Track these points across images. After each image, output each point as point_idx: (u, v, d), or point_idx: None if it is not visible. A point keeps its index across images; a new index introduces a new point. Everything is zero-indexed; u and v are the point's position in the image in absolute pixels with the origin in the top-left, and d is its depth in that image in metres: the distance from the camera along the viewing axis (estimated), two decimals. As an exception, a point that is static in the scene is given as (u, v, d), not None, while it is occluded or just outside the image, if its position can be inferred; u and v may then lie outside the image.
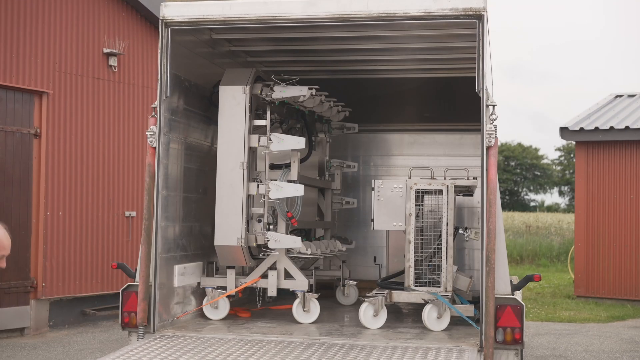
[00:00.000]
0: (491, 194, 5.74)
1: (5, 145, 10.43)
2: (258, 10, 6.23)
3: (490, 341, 5.69)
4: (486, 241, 5.71)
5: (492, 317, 5.69)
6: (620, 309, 14.13)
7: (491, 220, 5.73)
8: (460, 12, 5.91)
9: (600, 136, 14.77)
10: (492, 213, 5.74)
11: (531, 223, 31.13)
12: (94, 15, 11.70)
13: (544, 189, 74.72)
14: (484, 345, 5.68)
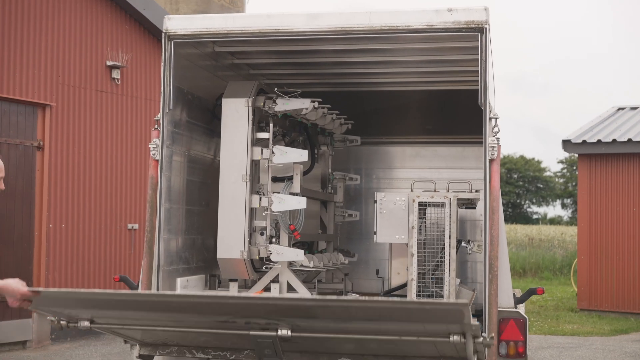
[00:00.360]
0: (494, 202, 5.74)
1: (8, 158, 10.44)
2: (261, 24, 6.25)
3: (494, 358, 5.68)
4: (489, 249, 5.70)
5: (495, 329, 5.68)
6: (623, 322, 14.08)
7: (494, 228, 5.72)
8: (463, 25, 5.92)
9: (603, 149, 14.77)
10: (495, 221, 5.74)
11: (534, 236, 31.08)
12: (97, 28, 11.73)
13: (546, 201, 74.70)
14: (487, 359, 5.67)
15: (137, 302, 4.73)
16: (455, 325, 4.39)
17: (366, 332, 4.78)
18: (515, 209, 71.78)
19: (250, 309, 4.58)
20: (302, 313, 4.56)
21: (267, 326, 4.72)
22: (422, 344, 4.94)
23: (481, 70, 5.86)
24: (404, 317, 4.42)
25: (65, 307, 4.89)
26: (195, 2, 18.42)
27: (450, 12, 5.94)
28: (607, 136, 14.89)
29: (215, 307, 4.65)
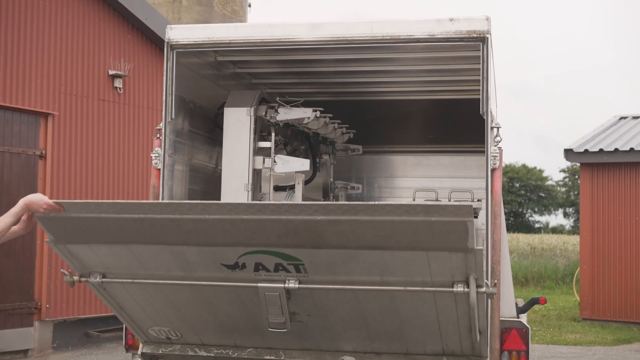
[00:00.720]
0: (495, 207, 5.74)
1: (10, 167, 10.45)
2: (263, 33, 6.26)
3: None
4: (491, 253, 5.68)
5: (497, 339, 5.67)
6: (626, 331, 14.05)
7: (496, 233, 5.72)
8: (465, 35, 5.92)
9: (605, 158, 14.76)
10: (497, 225, 5.74)
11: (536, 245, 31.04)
12: (100, 37, 11.75)
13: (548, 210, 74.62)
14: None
15: (154, 210, 4.65)
16: (459, 241, 4.37)
17: (371, 282, 4.78)
18: (517, 218, 71.71)
19: (260, 227, 4.54)
20: (312, 234, 4.52)
21: (275, 277, 4.79)
22: (425, 322, 5.02)
23: (483, 79, 5.86)
24: (410, 232, 4.40)
25: (83, 229, 4.83)
26: (197, 12, 18.46)
27: (452, 21, 5.95)
28: (609, 145, 14.89)
29: (226, 226, 4.59)
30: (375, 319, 5.16)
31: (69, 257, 5.09)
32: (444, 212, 4.24)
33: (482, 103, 5.84)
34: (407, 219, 4.32)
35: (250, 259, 4.81)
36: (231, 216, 4.54)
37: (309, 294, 4.97)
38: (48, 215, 4.73)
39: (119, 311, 5.53)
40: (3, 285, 10.32)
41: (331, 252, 4.65)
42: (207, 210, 4.52)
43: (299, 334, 5.44)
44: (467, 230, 4.31)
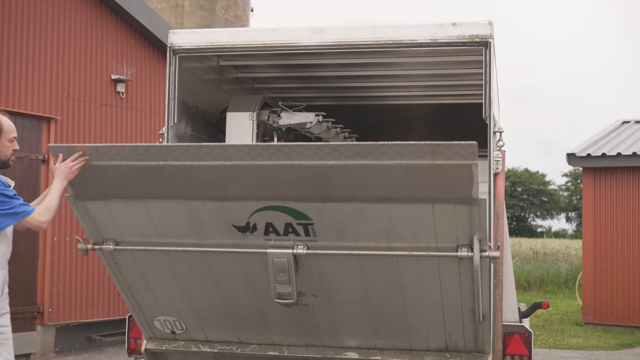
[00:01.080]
0: (498, 207, 5.75)
1: (13, 171, 10.46)
2: (265, 38, 6.27)
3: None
4: None
5: (499, 342, 5.68)
6: (629, 336, 14.03)
7: (499, 233, 5.72)
8: (467, 39, 5.92)
9: (608, 162, 14.76)
10: (500, 226, 5.74)
11: (538, 249, 31.00)
12: (102, 41, 11.77)
13: (551, 214, 74.58)
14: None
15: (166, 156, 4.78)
16: (463, 188, 4.50)
17: (377, 248, 4.88)
18: (520, 223, 71.67)
19: (274, 175, 4.67)
20: (322, 182, 4.66)
21: (284, 242, 4.93)
22: (429, 303, 5.10)
23: (485, 83, 5.86)
24: (416, 178, 4.54)
25: (103, 181, 4.98)
26: (199, 17, 18.49)
27: (454, 26, 5.95)
28: (611, 150, 14.89)
29: (240, 172, 4.72)
30: (379, 299, 5.22)
31: (85, 219, 5.21)
32: (449, 152, 4.37)
33: (484, 107, 5.84)
34: (414, 163, 4.45)
35: (261, 218, 4.90)
36: (246, 162, 4.65)
37: (315, 266, 5.06)
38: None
39: (128, 295, 5.61)
40: (5, 290, 10.33)
41: (340, 208, 4.75)
42: (224, 154, 4.65)
43: (303, 323, 5.49)
44: (472, 174, 4.43)
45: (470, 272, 4.88)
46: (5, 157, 4.97)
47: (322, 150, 4.57)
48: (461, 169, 4.46)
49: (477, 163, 4.43)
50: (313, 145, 4.58)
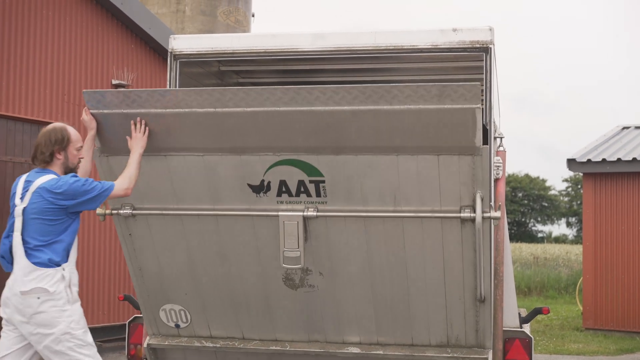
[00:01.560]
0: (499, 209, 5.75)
1: (13, 176, 10.46)
2: (266, 43, 6.28)
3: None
4: (494, 254, 5.68)
5: (500, 344, 5.69)
6: (629, 341, 14.02)
7: (499, 234, 5.75)
8: (468, 45, 5.94)
9: (608, 168, 14.76)
10: (500, 227, 5.76)
11: (539, 254, 30.97)
12: (103, 47, 11.78)
13: (551, 220, 74.55)
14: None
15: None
16: (467, 135, 4.74)
17: (384, 211, 5.13)
18: (520, 228, 71.64)
19: (290, 122, 4.95)
20: (336, 130, 4.92)
21: (295, 204, 5.21)
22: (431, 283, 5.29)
23: (486, 89, 5.88)
24: (423, 124, 4.79)
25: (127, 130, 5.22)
26: (200, 22, 18.51)
27: (455, 32, 5.96)
28: (611, 155, 14.89)
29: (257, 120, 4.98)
30: (383, 277, 5.38)
31: (109, 178, 5.36)
32: (455, 94, 4.62)
33: (484, 113, 5.85)
34: (422, 108, 4.70)
35: (275, 175, 5.16)
36: (266, 108, 4.90)
37: (324, 235, 5.29)
38: (101, 112, 5.29)
39: (137, 277, 5.80)
40: (6, 295, 10.32)
41: (350, 161, 5.00)
42: (245, 99, 4.91)
43: (307, 311, 5.62)
44: (475, 118, 4.68)
45: (472, 239, 5.07)
46: (72, 164, 5.28)
47: (338, 94, 4.78)
48: (465, 112, 4.68)
49: (480, 107, 4.69)
50: (329, 88, 4.80)
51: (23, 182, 5.21)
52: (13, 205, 5.19)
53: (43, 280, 5.03)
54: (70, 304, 5.11)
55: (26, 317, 5.03)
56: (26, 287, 5.00)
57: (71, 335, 5.05)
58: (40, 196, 5.08)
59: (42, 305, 5.01)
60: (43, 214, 5.08)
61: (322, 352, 5.75)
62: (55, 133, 5.27)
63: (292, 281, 5.55)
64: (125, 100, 5.16)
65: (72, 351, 5.03)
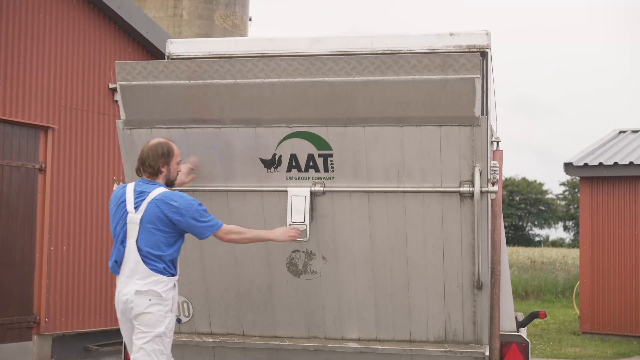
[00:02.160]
0: (495, 207, 5.79)
1: (10, 180, 10.45)
2: (264, 47, 6.29)
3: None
4: (491, 253, 5.73)
5: (497, 342, 5.72)
6: (626, 345, 14.03)
7: (496, 232, 5.78)
8: (465, 49, 5.95)
9: (605, 172, 14.77)
10: (497, 225, 5.80)
11: (536, 258, 30.98)
12: (100, 50, 11.77)
13: (548, 223, 74.53)
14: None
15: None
16: (467, 105, 5.11)
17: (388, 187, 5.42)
18: (517, 232, 71.65)
19: (305, 93, 5.32)
20: (347, 100, 5.28)
21: (304, 179, 5.52)
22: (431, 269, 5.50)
23: (483, 93, 5.88)
24: (426, 94, 5.16)
25: (151, 102, 5.58)
26: (197, 26, 18.51)
27: (452, 36, 5.97)
28: (608, 159, 14.90)
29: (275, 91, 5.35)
30: (385, 261, 5.56)
31: (128, 151, 5.72)
32: (456, 64, 5.04)
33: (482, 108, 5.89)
34: (426, 78, 5.09)
35: (287, 148, 5.46)
36: (284, 79, 5.27)
37: (330, 214, 5.53)
38: (129, 84, 5.50)
39: None
40: (2, 299, 10.30)
41: (358, 133, 5.32)
42: (265, 70, 5.29)
43: (308, 301, 5.76)
44: (474, 88, 5.04)
45: (471, 218, 5.32)
46: (173, 177, 5.52)
47: (349, 64, 5.18)
48: (465, 82, 5.04)
49: (480, 77, 5.07)
50: (342, 58, 5.21)
51: (133, 191, 5.46)
52: (123, 211, 5.45)
53: (158, 285, 5.31)
54: (171, 313, 5.40)
55: (134, 314, 5.33)
56: (142, 288, 5.29)
57: (161, 340, 5.33)
58: (157, 207, 5.33)
59: (151, 307, 5.29)
60: (157, 224, 5.34)
61: (321, 347, 5.83)
62: (162, 147, 5.43)
63: (296, 267, 5.71)
64: (153, 71, 5.43)
65: (154, 353, 5.29)
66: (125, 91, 5.55)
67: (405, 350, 5.68)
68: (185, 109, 5.48)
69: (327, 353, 5.85)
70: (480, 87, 5.18)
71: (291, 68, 5.24)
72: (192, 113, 5.50)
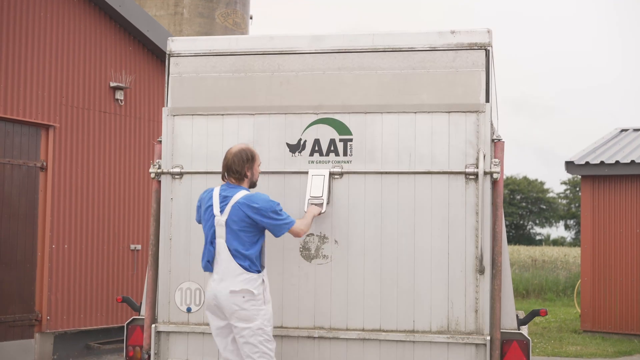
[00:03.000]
0: (497, 198, 5.88)
1: (11, 179, 10.46)
2: (264, 45, 6.30)
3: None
4: (491, 245, 5.84)
5: (498, 333, 5.78)
6: (627, 343, 14.02)
7: (497, 223, 5.88)
8: (466, 47, 5.95)
9: (606, 170, 14.76)
10: (499, 216, 5.89)
11: (537, 257, 30.97)
12: (101, 49, 11.78)
13: (549, 222, 74.51)
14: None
15: None
16: (473, 91, 5.89)
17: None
18: (518, 230, 71.64)
19: (332, 80, 6.13)
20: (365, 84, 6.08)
21: (324, 163, 6.10)
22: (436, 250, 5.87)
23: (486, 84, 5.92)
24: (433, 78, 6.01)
25: (196, 84, 6.39)
26: (198, 24, 18.51)
27: (453, 34, 5.98)
28: (610, 158, 14.89)
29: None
30: (392, 248, 5.92)
31: (169, 138, 6.29)
32: (465, 57, 5.93)
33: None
34: (438, 71, 5.96)
35: (312, 134, 6.11)
36: (314, 72, 6.14)
37: (344, 196, 6.01)
38: (180, 74, 6.34)
39: (165, 250, 6.28)
40: (3, 297, 10.31)
41: (376, 120, 6.03)
42: (296, 64, 6.18)
43: (316, 287, 6.01)
44: (480, 78, 5.87)
45: (474, 201, 5.78)
46: (256, 179, 5.98)
47: (378, 58, 6.09)
48: (473, 74, 5.91)
49: (484, 70, 5.88)
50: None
51: (218, 195, 5.87)
52: (210, 214, 5.87)
53: (249, 283, 5.73)
54: (265, 304, 5.80)
55: (230, 312, 5.75)
56: (236, 287, 5.72)
57: (263, 331, 5.74)
58: (240, 210, 5.76)
59: (245, 303, 5.72)
60: (241, 225, 5.77)
61: (326, 334, 5.99)
62: (246, 153, 5.86)
63: (309, 251, 6.06)
64: (201, 66, 6.33)
65: (261, 344, 5.73)
66: (174, 82, 6.32)
67: (408, 336, 5.85)
68: (225, 98, 6.22)
69: (331, 341, 5.99)
70: (485, 77, 5.88)
71: (321, 61, 6.14)
72: (231, 101, 6.21)
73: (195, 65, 6.30)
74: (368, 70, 6.11)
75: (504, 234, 5.95)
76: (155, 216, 6.35)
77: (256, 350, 5.71)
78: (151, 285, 6.32)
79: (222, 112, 6.23)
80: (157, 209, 6.35)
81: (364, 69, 6.12)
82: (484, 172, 5.75)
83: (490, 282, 5.78)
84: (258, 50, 6.28)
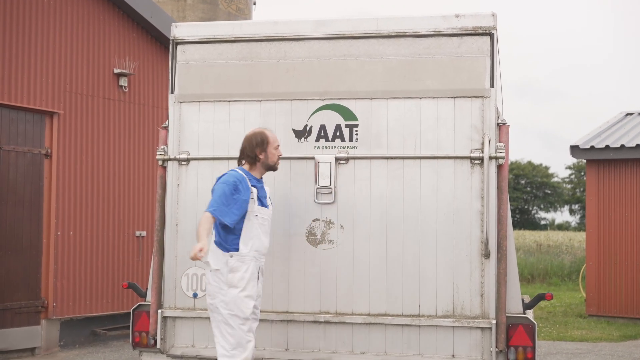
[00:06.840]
0: (502, 182, 5.90)
1: (16, 166, 10.47)
2: (268, 30, 6.28)
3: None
4: (497, 228, 5.86)
5: (503, 317, 5.81)
6: (632, 327, 14.04)
7: (502, 207, 5.87)
8: (470, 31, 5.94)
9: (611, 154, 14.73)
10: (504, 200, 5.88)
11: (542, 241, 31.00)
12: (105, 36, 11.76)
13: (554, 207, 74.53)
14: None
15: None
16: (478, 78, 5.89)
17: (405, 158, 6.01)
18: (523, 215, 71.63)
19: (337, 68, 6.17)
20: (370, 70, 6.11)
21: (330, 148, 6.11)
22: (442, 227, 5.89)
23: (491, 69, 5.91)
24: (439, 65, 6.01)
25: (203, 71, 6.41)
26: (202, 10, 18.47)
27: (457, 18, 5.96)
28: (615, 142, 14.86)
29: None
30: (397, 233, 5.95)
31: (176, 125, 6.35)
32: (470, 43, 5.97)
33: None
34: (445, 58, 5.99)
35: (318, 120, 6.14)
36: (322, 57, 6.17)
37: (350, 181, 6.04)
38: (186, 63, 6.40)
39: (172, 235, 6.30)
40: (10, 284, 10.34)
41: (381, 106, 6.05)
42: (302, 50, 6.20)
43: (322, 273, 6.05)
44: (485, 63, 5.88)
45: (480, 185, 5.81)
46: (272, 162, 5.95)
47: (382, 44, 6.12)
48: (478, 60, 5.91)
49: (490, 56, 5.90)
50: (379, 41, 6.11)
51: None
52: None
53: (214, 258, 5.80)
54: (228, 288, 5.72)
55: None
56: (209, 258, 5.78)
57: (220, 313, 5.80)
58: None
59: (212, 277, 5.79)
60: None
61: (331, 319, 6.02)
62: (256, 137, 5.88)
63: (314, 236, 6.08)
64: (208, 53, 6.37)
65: (215, 321, 5.83)
66: (181, 69, 6.36)
67: (414, 320, 5.87)
68: (231, 83, 6.27)
69: (337, 325, 6.02)
70: (490, 63, 5.91)
71: (327, 47, 6.17)
72: (238, 88, 6.27)
73: (202, 53, 6.33)
74: (374, 56, 6.10)
75: (509, 218, 5.95)
76: (161, 202, 6.35)
77: (215, 326, 5.77)
78: (157, 271, 6.34)
79: (229, 99, 6.27)
80: (163, 195, 6.35)
81: (370, 55, 6.10)
82: (489, 157, 5.78)
83: (496, 266, 5.79)
84: (262, 35, 6.27)
